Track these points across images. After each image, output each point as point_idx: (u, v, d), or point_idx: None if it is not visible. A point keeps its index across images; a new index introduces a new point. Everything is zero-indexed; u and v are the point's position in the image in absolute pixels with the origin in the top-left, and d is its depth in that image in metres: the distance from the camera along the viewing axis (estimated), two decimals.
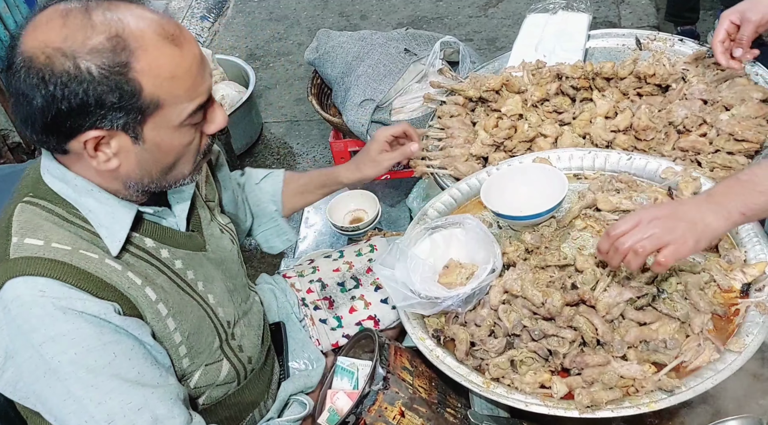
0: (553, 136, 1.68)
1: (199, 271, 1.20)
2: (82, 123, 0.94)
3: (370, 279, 1.60)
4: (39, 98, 0.92)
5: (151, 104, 0.96)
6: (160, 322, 1.09)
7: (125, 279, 1.04)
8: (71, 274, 0.98)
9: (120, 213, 1.06)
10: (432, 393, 1.30)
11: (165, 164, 1.04)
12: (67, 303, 0.97)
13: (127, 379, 1.00)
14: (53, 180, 1.05)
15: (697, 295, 1.16)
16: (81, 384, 0.97)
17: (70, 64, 0.91)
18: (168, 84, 0.96)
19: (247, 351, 1.30)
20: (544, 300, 1.18)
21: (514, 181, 1.49)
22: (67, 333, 0.96)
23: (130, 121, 0.96)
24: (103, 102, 0.93)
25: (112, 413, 0.98)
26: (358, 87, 2.41)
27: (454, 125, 1.84)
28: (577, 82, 1.77)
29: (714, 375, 1.06)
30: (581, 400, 1.07)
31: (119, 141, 0.98)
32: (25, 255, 0.97)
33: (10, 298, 0.96)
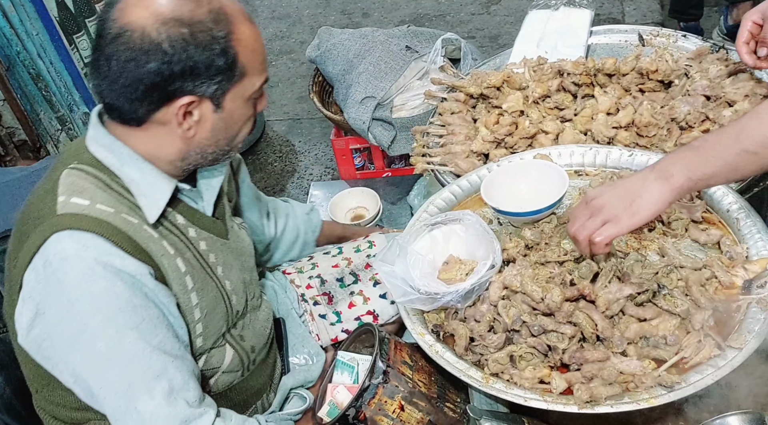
0: (554, 132, 1.68)
1: (220, 256, 1.25)
2: (184, 86, 1.04)
3: (368, 274, 1.60)
4: (153, 62, 1.01)
5: (239, 72, 1.07)
6: (185, 295, 1.14)
7: (161, 247, 1.10)
8: (114, 233, 1.04)
9: (161, 184, 1.12)
10: (432, 387, 1.30)
11: (231, 134, 1.14)
12: (108, 260, 1.02)
13: (151, 345, 1.04)
14: (99, 149, 1.11)
15: (698, 291, 1.15)
16: (107, 343, 1.02)
17: (186, 31, 1.01)
18: (252, 56, 1.08)
19: (249, 340, 1.32)
20: (544, 295, 1.18)
21: (514, 178, 1.49)
22: (103, 291, 1.01)
23: (220, 87, 1.06)
24: (211, 65, 1.04)
25: (133, 375, 1.03)
26: (360, 84, 2.41)
27: (455, 122, 1.84)
28: (579, 79, 1.76)
29: (714, 372, 1.06)
30: (580, 395, 1.07)
31: (203, 109, 1.08)
32: (72, 212, 1.03)
33: (54, 251, 1.01)
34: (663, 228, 1.32)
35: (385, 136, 2.39)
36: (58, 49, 2.95)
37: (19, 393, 1.32)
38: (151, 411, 1.03)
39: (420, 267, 1.32)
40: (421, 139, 1.86)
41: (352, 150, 2.78)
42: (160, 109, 1.05)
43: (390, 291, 1.32)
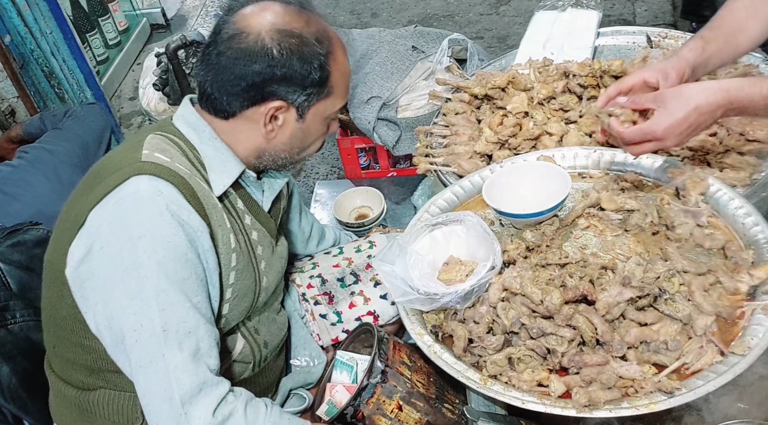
0: (559, 134, 1.66)
1: (266, 253, 1.32)
2: (279, 91, 1.15)
3: (369, 275, 1.59)
4: (259, 63, 1.12)
5: (328, 90, 1.19)
6: (227, 269, 1.20)
7: (221, 217, 1.19)
8: (187, 189, 1.13)
9: (231, 164, 1.22)
10: (430, 388, 1.29)
11: (304, 145, 1.25)
12: (177, 209, 1.10)
13: (192, 301, 1.09)
14: (183, 124, 1.22)
15: (701, 297, 1.14)
16: (154, 286, 1.06)
17: (295, 41, 1.13)
18: (341, 79, 1.20)
19: (263, 335, 1.36)
20: (543, 297, 1.17)
21: (517, 179, 1.48)
22: (165, 236, 1.07)
23: (308, 99, 1.17)
24: (306, 76, 1.14)
25: (169, 322, 1.06)
26: (366, 84, 2.40)
27: (459, 122, 1.83)
28: (585, 80, 1.75)
29: (716, 378, 1.04)
30: (578, 399, 1.06)
31: (288, 115, 1.19)
32: (154, 161, 1.13)
33: (130, 191, 1.09)
34: (667, 233, 1.31)
35: (390, 136, 2.38)
36: (71, 48, 2.98)
37: (26, 383, 1.34)
38: (176, 363, 1.06)
39: (420, 268, 1.31)
40: (424, 140, 1.85)
41: (358, 149, 2.77)
42: (251, 106, 1.16)
43: (389, 290, 1.31)
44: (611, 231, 1.36)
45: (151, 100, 2.91)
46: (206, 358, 1.10)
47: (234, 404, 1.11)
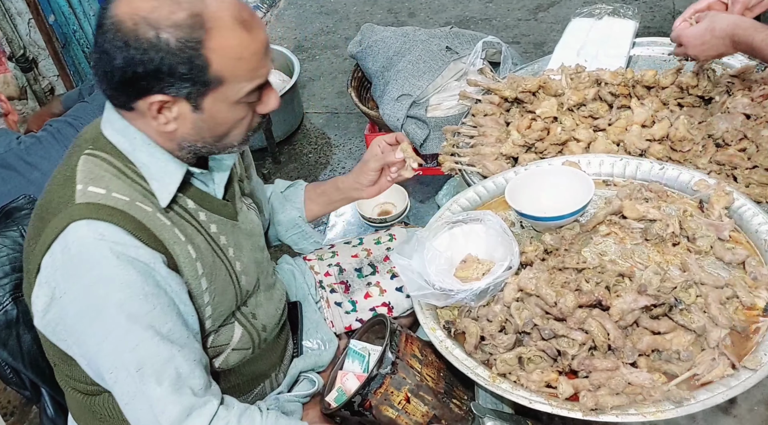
0: (586, 141, 1.66)
1: (231, 238, 1.26)
2: (152, 86, 1.03)
3: (387, 267, 1.61)
4: (120, 59, 1.02)
5: (215, 80, 1.05)
6: (196, 280, 1.16)
7: (173, 234, 1.13)
8: (128, 222, 1.07)
9: (171, 169, 1.14)
10: (439, 383, 1.30)
11: (217, 133, 1.13)
12: (122, 249, 1.05)
13: (160, 332, 1.07)
14: (113, 133, 1.13)
15: (717, 309, 1.13)
16: (120, 329, 1.05)
17: (153, 34, 1.00)
18: (233, 64, 1.05)
19: (261, 319, 1.34)
20: (557, 299, 1.17)
21: (540, 182, 1.48)
22: (117, 277, 1.04)
23: (193, 91, 1.05)
24: (174, 71, 1.02)
25: (142, 360, 1.05)
26: (397, 81, 2.42)
27: (487, 124, 1.83)
28: (616, 89, 1.74)
29: (726, 391, 1.03)
30: (586, 402, 1.06)
31: (180, 107, 1.07)
32: (89, 201, 1.06)
33: (72, 239, 1.04)
34: (688, 244, 1.30)
35: (419, 135, 2.39)
36: None
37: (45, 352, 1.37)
38: (158, 397, 1.06)
39: (437, 263, 1.32)
40: (451, 139, 1.86)
41: None
42: (136, 100, 1.06)
43: (405, 283, 1.33)
44: (631, 240, 1.35)
45: None
46: (190, 380, 1.09)
47: (227, 418, 1.11)
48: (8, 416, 2.30)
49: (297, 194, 1.63)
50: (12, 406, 2.36)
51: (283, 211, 1.62)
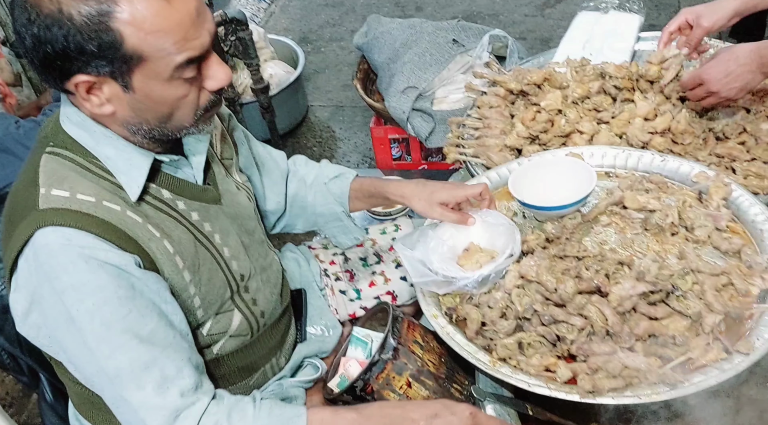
0: (590, 133, 1.68)
1: (216, 224, 1.22)
2: (68, 66, 0.96)
3: (391, 256, 1.63)
4: (28, 38, 0.95)
5: (134, 56, 0.96)
6: (177, 275, 1.12)
7: (146, 231, 1.07)
8: (96, 225, 1.01)
9: (137, 160, 1.08)
10: (440, 368, 1.33)
11: (160, 114, 1.04)
12: (91, 253, 1.00)
13: (139, 336, 1.02)
14: (72, 127, 1.07)
15: (713, 296, 1.15)
16: (94, 336, 1.01)
17: (54, 8, 0.92)
18: (152, 37, 0.95)
19: (260, 305, 1.33)
20: (557, 286, 1.20)
21: (543, 173, 1.50)
22: (87, 283, 1.00)
23: (115, 70, 0.97)
24: (83, 49, 0.93)
25: (119, 367, 1.01)
26: (403, 74, 2.44)
27: (492, 116, 1.86)
28: (621, 82, 1.76)
29: (719, 374, 1.06)
30: (583, 385, 1.08)
31: (111, 88, 0.99)
32: (53, 207, 1.01)
33: (40, 245, 1.00)
34: (687, 234, 1.32)
35: (424, 128, 2.42)
36: None
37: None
38: (140, 401, 1.02)
39: (440, 252, 1.35)
40: (456, 130, 1.88)
41: (391, 140, 2.81)
42: (63, 83, 0.99)
43: (408, 271, 1.35)
44: (631, 230, 1.38)
45: None
46: (176, 381, 1.04)
47: (217, 415, 1.06)
48: (6, 407, 2.29)
49: (342, 189, 1.52)
50: (10, 397, 2.36)
51: (325, 203, 1.53)
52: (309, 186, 1.54)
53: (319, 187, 1.54)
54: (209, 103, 1.08)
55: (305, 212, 1.56)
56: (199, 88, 1.05)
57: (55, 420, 1.42)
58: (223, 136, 1.34)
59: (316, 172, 1.56)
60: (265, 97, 2.98)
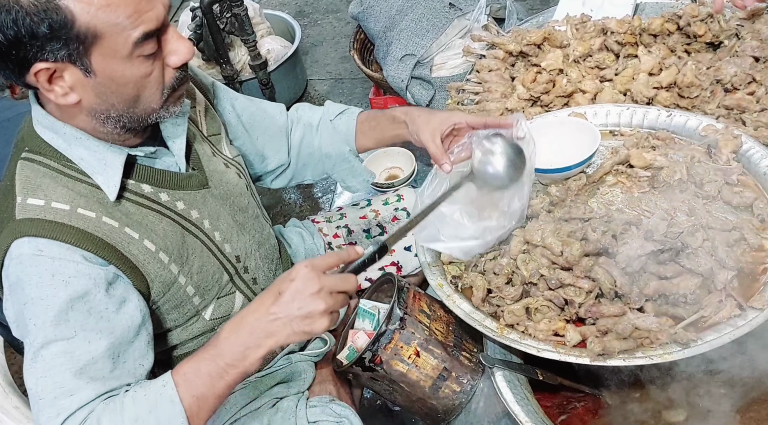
0: (593, 92, 1.64)
1: (204, 209, 1.20)
2: (24, 55, 0.92)
3: (395, 227, 1.61)
4: None
5: (88, 34, 0.92)
6: (164, 270, 1.11)
7: (123, 235, 1.06)
8: (70, 235, 1.00)
9: (110, 159, 1.06)
10: (448, 336, 1.31)
11: (126, 96, 1.01)
12: (59, 267, 0.98)
13: (75, 365, 0.98)
14: (44, 130, 1.05)
15: (724, 252, 1.12)
16: (34, 351, 0.99)
17: None
18: (104, 12, 0.92)
19: (261, 283, 1.32)
20: (563, 249, 1.17)
21: (546, 135, 1.45)
22: (45, 299, 0.98)
23: (72, 52, 0.93)
24: (34, 33, 0.90)
25: (45, 389, 0.98)
26: (400, 41, 2.39)
27: (491, 79, 1.81)
28: (623, 38, 1.71)
29: (732, 331, 1.03)
30: (593, 348, 1.06)
31: (71, 74, 0.96)
32: (28, 217, 1.00)
33: (15, 255, 1.00)
34: (696, 190, 1.29)
35: (424, 96, 2.37)
36: None
37: None
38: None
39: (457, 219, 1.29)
40: (456, 96, 1.84)
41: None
42: (23, 76, 0.96)
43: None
44: (639, 188, 1.34)
45: None
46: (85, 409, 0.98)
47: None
48: None
49: (349, 125, 1.47)
50: None
51: (332, 143, 1.48)
52: (316, 128, 1.49)
53: (325, 126, 1.49)
54: (175, 80, 1.04)
55: (312, 158, 1.52)
56: (162, 65, 1.02)
57: None
58: (207, 109, 1.31)
59: (322, 111, 1.51)
60: (263, 73, 2.94)
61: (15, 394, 1.27)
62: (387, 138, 1.46)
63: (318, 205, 2.87)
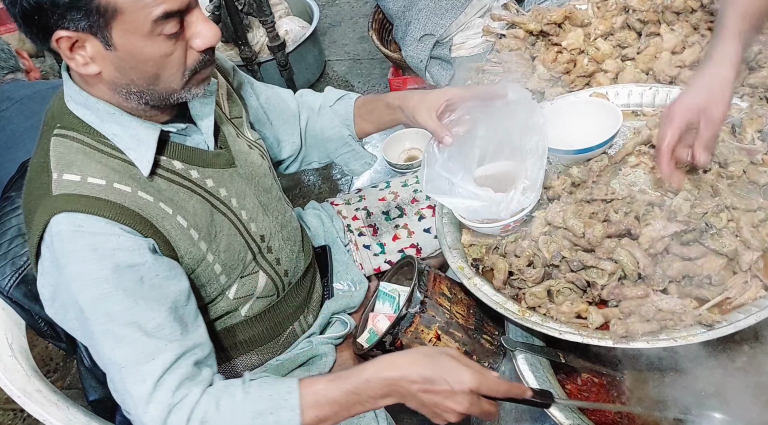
0: (615, 71, 1.61)
1: (231, 188, 1.21)
2: (46, 21, 0.94)
3: (414, 209, 1.61)
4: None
5: (108, 7, 0.93)
6: (194, 247, 1.12)
7: (158, 210, 1.06)
8: (108, 209, 1.00)
9: (144, 135, 1.07)
10: (469, 319, 1.31)
11: (146, 74, 1.01)
12: (101, 241, 0.99)
13: (144, 329, 1.00)
14: (77, 106, 1.06)
15: (749, 232, 1.11)
16: (99, 326, 1.00)
17: None
18: None
19: (284, 264, 1.33)
20: (585, 230, 1.16)
21: (567, 116, 1.45)
22: (91, 272, 0.98)
23: (93, 23, 0.94)
24: (55, 1, 0.91)
25: (124, 359, 0.99)
26: (419, 21, 2.36)
27: (512, 59, 1.79)
28: (645, 16, 1.68)
29: (759, 312, 1.02)
30: (616, 330, 1.06)
31: (93, 45, 0.97)
32: (65, 192, 1.00)
33: (55, 233, 1.00)
34: (720, 170, 1.27)
35: (443, 76, 2.35)
36: None
37: None
38: (140, 395, 0.99)
39: None
40: (476, 77, 1.83)
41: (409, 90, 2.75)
42: (45, 41, 0.96)
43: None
44: None
45: None
46: (176, 374, 1.01)
47: (206, 405, 1.00)
48: (51, 372, 2.38)
49: (347, 109, 1.49)
50: (54, 363, 2.44)
51: (333, 127, 1.49)
52: (317, 112, 1.51)
53: (326, 111, 1.50)
54: (198, 64, 1.04)
55: (317, 141, 1.53)
56: (186, 47, 1.02)
57: (93, 383, 1.45)
58: (229, 93, 1.32)
59: (323, 97, 1.52)
60: (282, 55, 2.93)
61: (37, 377, 1.28)
62: (385, 122, 1.47)
63: (337, 187, 2.88)
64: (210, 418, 0.99)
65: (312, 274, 1.46)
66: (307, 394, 1.01)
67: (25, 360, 1.28)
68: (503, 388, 1.02)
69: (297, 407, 1.00)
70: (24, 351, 1.30)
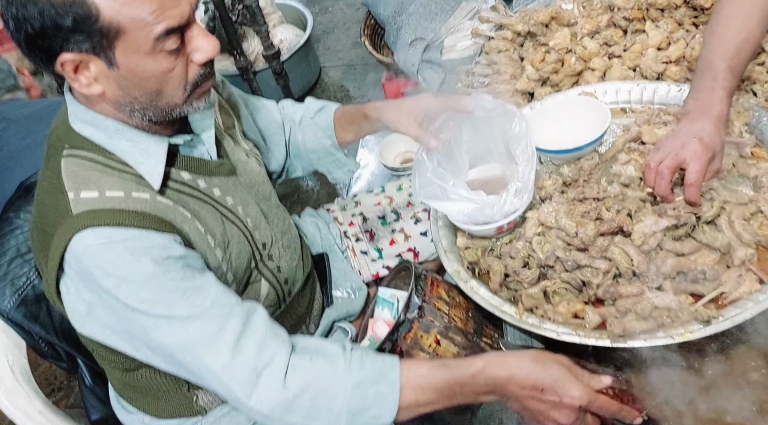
0: (602, 69, 1.63)
1: (237, 196, 1.23)
2: (49, 45, 0.95)
3: (410, 212, 1.62)
4: (10, 21, 0.94)
5: (111, 28, 0.94)
6: (210, 253, 1.12)
7: (178, 213, 1.08)
8: (131, 218, 1.01)
9: (153, 148, 1.08)
10: (468, 323, 1.32)
11: (148, 90, 1.02)
12: (134, 243, 1.00)
13: (202, 308, 1.02)
14: (83, 126, 1.06)
15: (741, 226, 1.12)
16: (161, 320, 1.01)
17: None
18: (128, 8, 0.93)
19: (284, 272, 1.34)
20: (577, 229, 1.17)
21: (556, 116, 1.46)
22: (137, 273, 0.99)
23: (96, 45, 0.95)
24: (58, 25, 0.92)
25: (194, 339, 1.01)
26: (410, 26, 2.38)
27: (501, 61, 1.80)
28: (630, 13, 1.69)
29: (754, 306, 1.02)
30: (613, 329, 1.06)
31: (96, 65, 0.98)
32: (86, 210, 1.00)
33: (81, 249, 1.00)
34: None
35: (435, 79, 2.37)
36: None
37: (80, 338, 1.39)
38: (220, 367, 1.01)
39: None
40: (466, 79, 1.84)
41: (404, 93, 2.76)
42: (50, 65, 0.97)
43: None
44: None
45: None
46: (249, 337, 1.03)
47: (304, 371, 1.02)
48: (55, 391, 2.39)
49: (327, 120, 1.50)
50: (58, 382, 2.45)
51: (315, 139, 1.51)
52: (298, 124, 1.52)
53: (307, 122, 1.52)
54: (199, 77, 1.05)
55: (299, 152, 1.54)
56: (186, 61, 1.03)
57: (95, 402, 1.46)
58: (220, 105, 1.33)
59: (303, 109, 1.54)
60: (277, 63, 2.94)
61: (39, 399, 1.28)
62: (365, 132, 1.49)
63: (335, 192, 2.89)
64: (311, 384, 1.00)
65: (312, 283, 1.47)
66: (410, 375, 1.02)
67: (26, 381, 1.29)
68: (614, 409, 1.02)
69: (397, 383, 1.01)
70: (25, 372, 1.30)
